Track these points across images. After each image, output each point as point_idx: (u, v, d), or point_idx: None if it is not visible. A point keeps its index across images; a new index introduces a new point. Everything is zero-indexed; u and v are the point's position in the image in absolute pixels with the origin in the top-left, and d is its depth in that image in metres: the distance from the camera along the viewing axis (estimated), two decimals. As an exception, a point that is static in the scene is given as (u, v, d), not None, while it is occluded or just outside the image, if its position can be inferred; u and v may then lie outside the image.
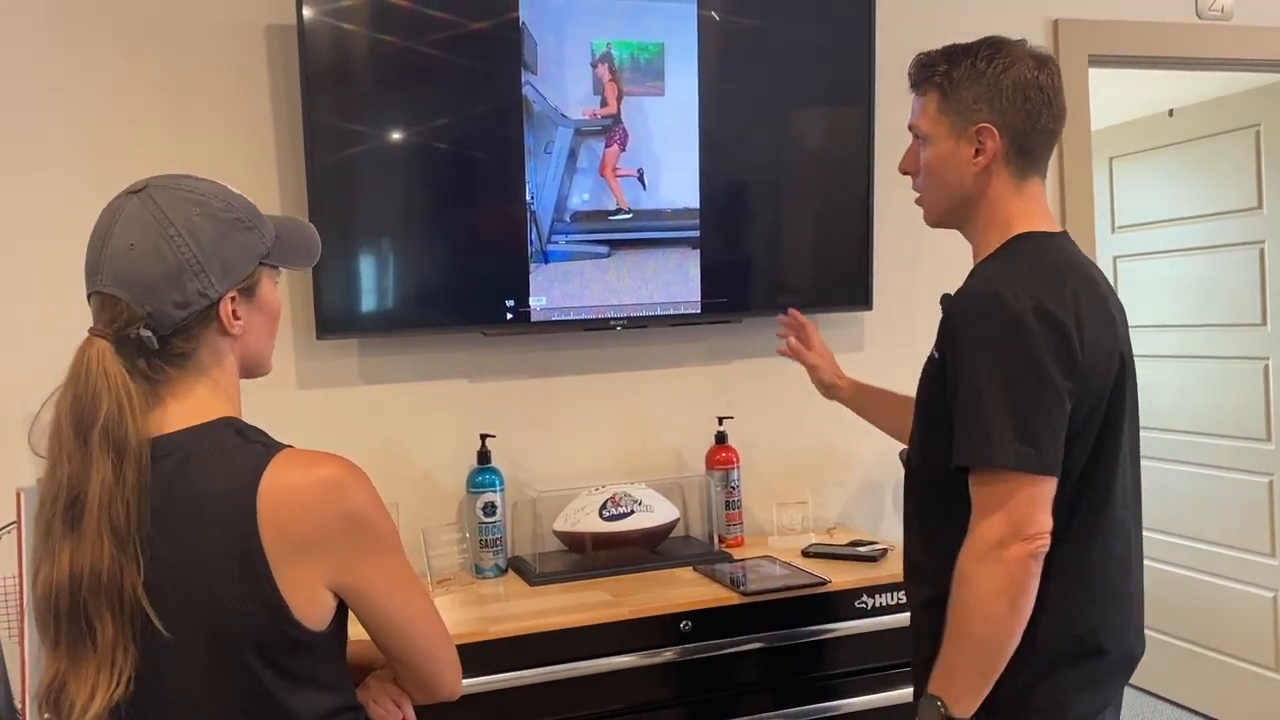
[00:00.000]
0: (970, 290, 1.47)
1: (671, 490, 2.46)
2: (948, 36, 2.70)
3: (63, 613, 1.02)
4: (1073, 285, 1.44)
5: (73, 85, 2.13)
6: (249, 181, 2.21)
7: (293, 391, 2.27)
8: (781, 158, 2.51)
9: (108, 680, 1.01)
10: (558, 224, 2.34)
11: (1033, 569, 1.37)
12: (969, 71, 1.53)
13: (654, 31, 2.37)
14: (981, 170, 1.52)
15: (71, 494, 1.03)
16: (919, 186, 1.62)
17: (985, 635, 1.38)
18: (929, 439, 1.53)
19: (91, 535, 1.01)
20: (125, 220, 1.08)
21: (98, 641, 1.02)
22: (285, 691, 1.06)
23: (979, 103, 1.51)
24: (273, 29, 2.24)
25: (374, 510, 1.09)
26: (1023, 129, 1.52)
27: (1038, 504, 1.37)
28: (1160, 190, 3.72)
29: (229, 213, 1.12)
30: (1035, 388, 1.37)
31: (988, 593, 1.36)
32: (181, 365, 1.10)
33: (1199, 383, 3.62)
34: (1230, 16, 2.99)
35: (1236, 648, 3.54)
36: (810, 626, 2.07)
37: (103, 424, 1.03)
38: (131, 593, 1.02)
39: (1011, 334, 1.38)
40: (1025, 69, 1.53)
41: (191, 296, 1.08)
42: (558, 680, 1.93)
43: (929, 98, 1.56)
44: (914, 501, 1.60)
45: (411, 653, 1.16)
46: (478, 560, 2.27)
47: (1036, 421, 1.37)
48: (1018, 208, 1.53)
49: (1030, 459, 1.36)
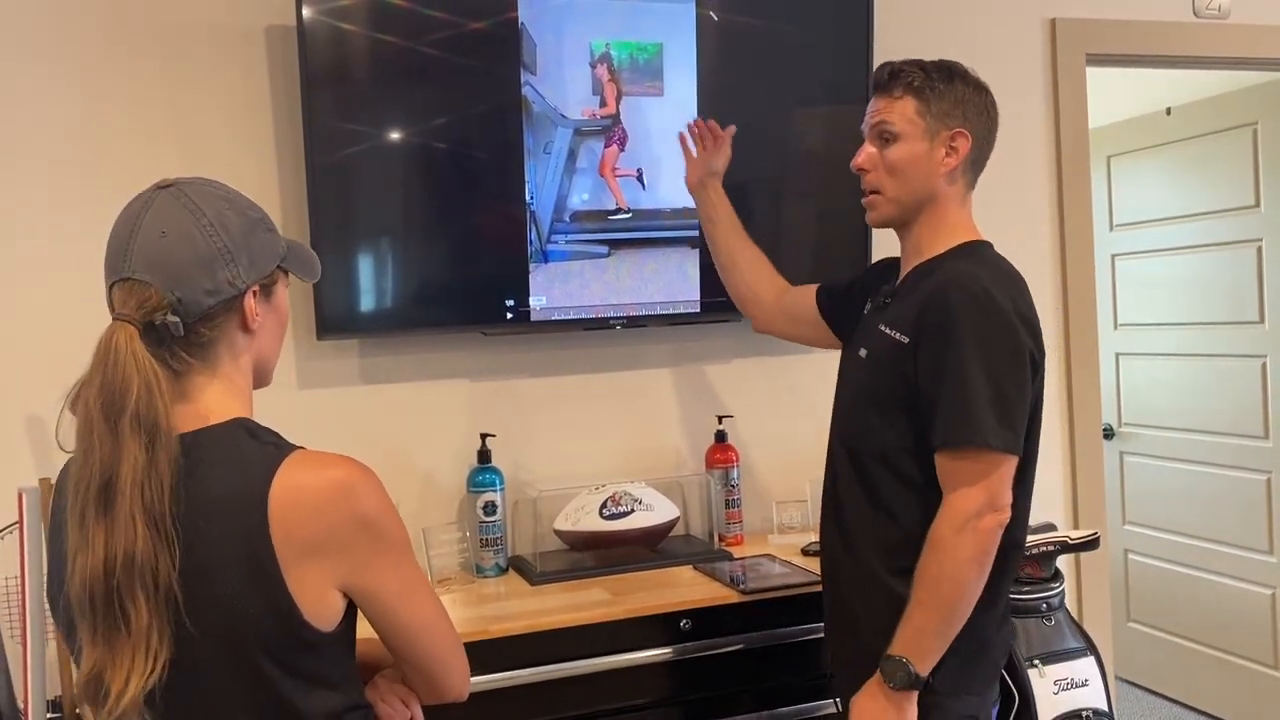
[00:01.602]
0: (956, 285, 1.56)
1: (671, 489, 2.47)
2: (946, 35, 2.73)
3: (98, 600, 1.01)
4: (1027, 293, 1.63)
5: (73, 85, 2.14)
6: (251, 182, 2.21)
7: (293, 392, 2.28)
8: (780, 157, 2.52)
9: (142, 665, 1.00)
10: (557, 224, 2.34)
11: (998, 539, 1.54)
12: (944, 83, 1.66)
13: (653, 32, 2.37)
14: (948, 173, 1.66)
15: (104, 478, 1.02)
16: (876, 183, 1.71)
17: (956, 599, 1.53)
18: (882, 419, 1.64)
19: (124, 518, 1.01)
20: (156, 210, 1.09)
21: (131, 625, 1.00)
22: (294, 691, 1.07)
23: (955, 110, 1.65)
24: (273, 29, 2.24)
25: (385, 512, 1.10)
26: (982, 142, 1.69)
27: (1007, 481, 1.54)
28: (1158, 188, 3.73)
29: (254, 212, 1.16)
30: (1016, 378, 1.54)
31: (964, 560, 1.52)
32: (201, 357, 1.11)
33: (1196, 381, 3.63)
34: (1227, 15, 3.00)
35: (1235, 645, 3.56)
36: (810, 624, 2.07)
37: (134, 407, 1.02)
38: (166, 577, 1.01)
39: (1002, 328, 1.54)
40: (985, 94, 1.70)
41: (221, 284, 1.09)
42: (558, 679, 1.93)
43: (904, 100, 1.67)
44: (855, 480, 1.68)
45: (420, 654, 1.17)
46: (478, 559, 2.28)
47: (1014, 408, 1.54)
48: (963, 216, 1.70)
49: (1010, 440, 1.53)
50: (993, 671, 1.70)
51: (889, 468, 1.63)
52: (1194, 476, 3.67)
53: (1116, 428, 3.92)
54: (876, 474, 1.65)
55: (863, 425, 1.68)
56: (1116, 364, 3.92)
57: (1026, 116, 2.83)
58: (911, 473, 1.60)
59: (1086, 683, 2.26)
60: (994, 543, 1.53)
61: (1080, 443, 2.87)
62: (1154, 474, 3.82)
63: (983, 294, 1.54)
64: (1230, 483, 3.54)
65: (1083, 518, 2.87)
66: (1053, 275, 2.86)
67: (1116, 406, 3.92)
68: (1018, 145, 2.82)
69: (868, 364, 1.70)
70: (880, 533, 1.63)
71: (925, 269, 1.66)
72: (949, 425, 1.53)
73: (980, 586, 1.54)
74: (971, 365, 1.51)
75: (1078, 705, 2.23)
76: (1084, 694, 2.25)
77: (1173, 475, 3.73)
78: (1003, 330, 1.53)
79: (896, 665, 1.53)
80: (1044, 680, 2.22)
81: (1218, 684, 3.62)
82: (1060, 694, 2.23)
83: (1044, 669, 2.23)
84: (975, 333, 1.52)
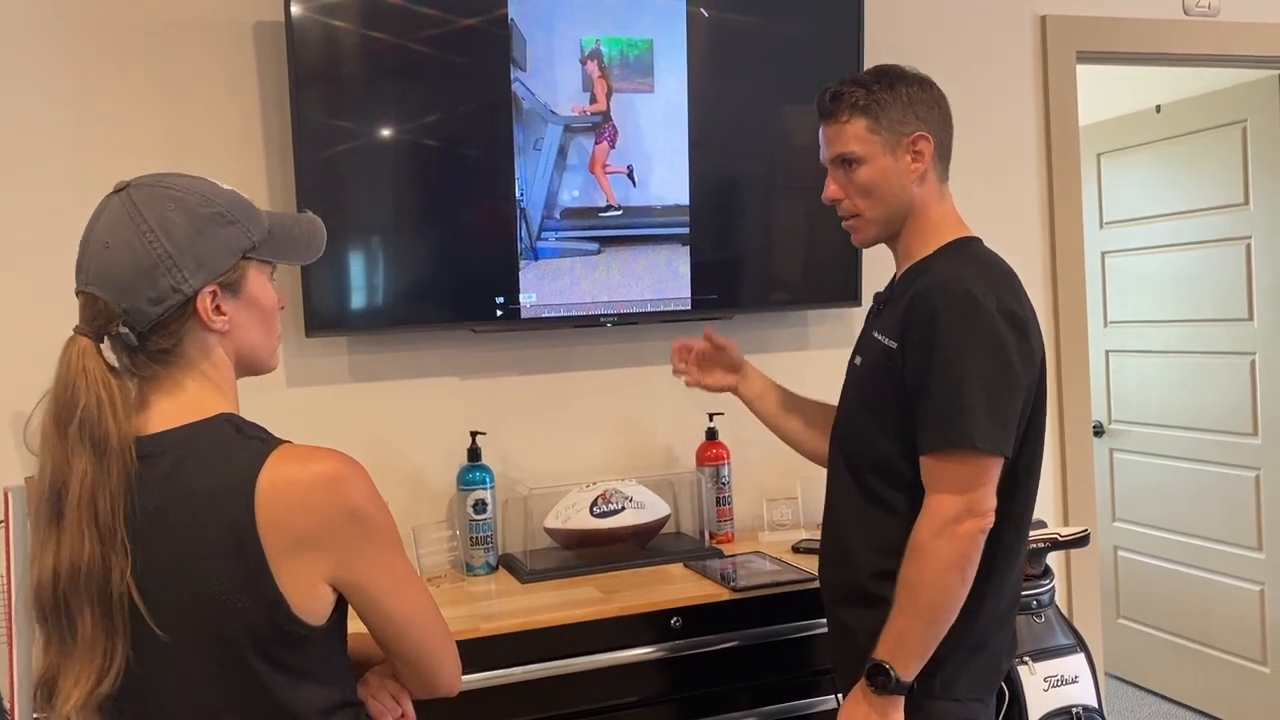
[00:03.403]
0: (940, 288, 1.55)
1: (662, 487, 2.46)
2: (935, 32, 2.73)
3: (48, 608, 1.03)
4: (1017, 285, 1.60)
5: (61, 83, 2.12)
6: (238, 178, 2.19)
7: (282, 389, 2.27)
8: (770, 154, 2.52)
9: (89, 673, 1.02)
10: (547, 221, 2.34)
11: (980, 544, 1.51)
12: (888, 92, 1.63)
13: (643, 28, 2.37)
14: (919, 176, 1.64)
15: (54, 490, 1.03)
16: (852, 209, 1.68)
17: (938, 604, 1.50)
18: (875, 425, 1.62)
19: (73, 529, 1.02)
20: (105, 219, 1.09)
21: (79, 635, 1.02)
22: (283, 686, 1.07)
23: (908, 115, 1.63)
24: (262, 26, 2.23)
25: (373, 505, 1.10)
26: (942, 134, 1.67)
27: (991, 484, 1.51)
28: (1147, 186, 3.74)
29: (207, 208, 1.11)
30: (1004, 378, 1.52)
31: (944, 566, 1.50)
32: (166, 362, 1.10)
33: (1186, 378, 3.64)
34: (1217, 13, 3.00)
35: (1223, 641, 3.57)
36: (800, 622, 2.08)
37: (80, 419, 1.03)
38: (120, 587, 1.02)
39: (985, 329, 1.51)
40: (931, 86, 1.67)
41: (165, 292, 1.07)
42: (549, 677, 1.93)
43: (854, 123, 1.64)
44: (852, 486, 1.67)
45: (411, 648, 1.17)
46: (468, 558, 2.27)
47: (1003, 408, 1.51)
48: (944, 211, 1.68)
49: (999, 440, 1.50)
50: (993, 674, 1.66)
51: (883, 473, 1.62)
52: (1183, 473, 3.68)
53: (1106, 425, 3.93)
54: (872, 480, 1.64)
55: (857, 431, 1.67)
56: (1106, 361, 3.93)
57: (1016, 114, 2.84)
58: (907, 478, 1.59)
59: (1076, 679, 2.27)
60: (974, 547, 1.50)
61: (1070, 439, 2.88)
62: (1144, 471, 3.83)
63: (965, 295, 1.51)
64: (1219, 479, 3.56)
65: (1073, 514, 2.88)
66: (1043, 272, 2.86)
67: (1106, 403, 3.93)
68: (1008, 142, 2.82)
69: (862, 371, 1.69)
70: (876, 539, 1.62)
71: (914, 271, 1.66)
72: (934, 427, 1.51)
73: (964, 591, 1.51)
74: (955, 367, 1.50)
75: (1067, 702, 2.24)
76: (1074, 690, 2.26)
77: (1162, 472, 3.75)
78: (986, 330, 1.51)
79: (879, 670, 1.52)
80: (1034, 677, 2.23)
81: (1206, 680, 3.64)
82: (1050, 690, 2.23)
83: (1034, 666, 2.23)
84: (958, 334, 1.51)
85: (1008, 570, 1.62)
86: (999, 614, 1.62)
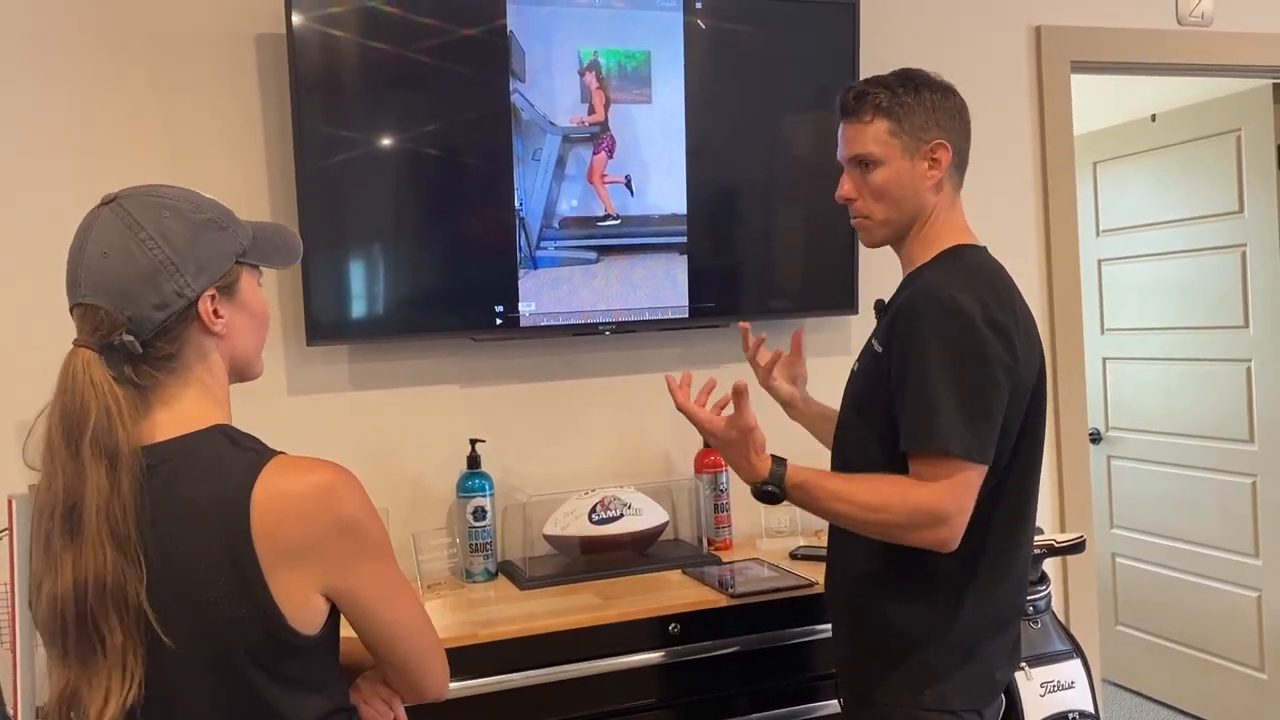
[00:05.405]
0: (924, 293, 1.55)
1: (660, 494, 2.47)
2: (931, 43, 2.75)
3: (70, 623, 1.02)
4: (1009, 293, 1.58)
5: (64, 95, 2.14)
6: (240, 189, 2.23)
7: (283, 398, 2.28)
8: (767, 163, 2.53)
9: (120, 685, 1.02)
10: (546, 230, 2.35)
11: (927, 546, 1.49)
12: (912, 96, 1.62)
13: (641, 39, 2.39)
14: (934, 184, 1.63)
15: (69, 504, 1.03)
16: (865, 210, 1.68)
17: (852, 513, 1.52)
18: (868, 430, 1.62)
19: (93, 543, 1.02)
20: (98, 230, 1.09)
21: (107, 648, 1.02)
22: (279, 696, 1.08)
23: (929, 122, 1.62)
24: (263, 38, 2.25)
25: (367, 517, 1.11)
26: (961, 144, 1.66)
27: (970, 489, 1.49)
28: (1143, 194, 3.76)
29: (200, 214, 1.13)
30: (983, 384, 1.50)
31: (884, 520, 1.49)
32: (168, 369, 1.11)
33: (1182, 385, 3.66)
34: (1210, 23, 3.03)
35: (1220, 647, 3.58)
36: (798, 628, 2.09)
37: (92, 433, 1.04)
38: (135, 598, 1.02)
39: (965, 333, 1.50)
40: (954, 95, 1.66)
41: (169, 296, 1.08)
42: (548, 683, 1.94)
43: (875, 124, 1.63)
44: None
45: (400, 656, 1.18)
46: (468, 565, 2.28)
47: (981, 414, 1.49)
48: (952, 219, 1.67)
49: (974, 448, 1.47)
50: (989, 685, 1.63)
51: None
52: (1180, 480, 3.69)
53: (1103, 432, 3.95)
54: None
55: (852, 436, 1.68)
56: (1103, 368, 3.94)
57: (1012, 123, 2.85)
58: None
59: (1073, 685, 2.28)
60: (917, 544, 1.49)
61: (1067, 447, 2.89)
62: (1140, 478, 3.84)
63: (948, 300, 1.51)
64: (1216, 486, 3.57)
65: (1069, 521, 2.89)
66: (1039, 280, 2.88)
67: (1103, 411, 3.95)
68: (1004, 152, 2.84)
69: (858, 376, 1.70)
70: (875, 542, 1.59)
71: (911, 278, 1.66)
72: (911, 430, 1.50)
73: (870, 536, 1.53)
74: (933, 371, 1.49)
75: (1064, 707, 2.25)
76: (1070, 696, 2.26)
77: (1159, 479, 3.76)
78: (964, 334, 1.49)
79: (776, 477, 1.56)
80: (1030, 683, 2.24)
81: (1204, 686, 3.64)
82: (1046, 696, 2.24)
83: (1030, 671, 2.24)
84: (938, 340, 1.50)
85: (997, 580, 1.59)
86: (990, 623, 1.60)
